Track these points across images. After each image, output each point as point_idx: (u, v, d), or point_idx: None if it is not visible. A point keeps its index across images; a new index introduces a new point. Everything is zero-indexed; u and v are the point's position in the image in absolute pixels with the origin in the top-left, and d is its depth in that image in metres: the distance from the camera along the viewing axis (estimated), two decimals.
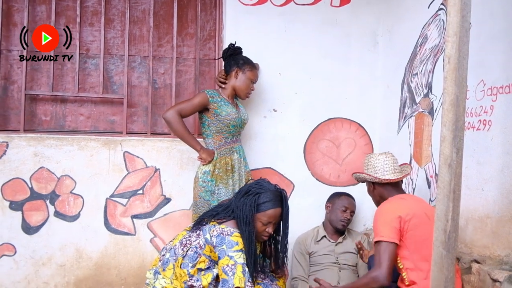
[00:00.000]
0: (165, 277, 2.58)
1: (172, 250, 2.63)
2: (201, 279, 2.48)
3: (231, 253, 2.42)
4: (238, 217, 2.54)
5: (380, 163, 2.70)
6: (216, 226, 2.53)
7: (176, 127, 3.02)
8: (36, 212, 3.27)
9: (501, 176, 2.31)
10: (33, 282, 3.25)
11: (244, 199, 2.56)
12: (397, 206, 2.51)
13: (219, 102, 3.10)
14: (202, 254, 2.52)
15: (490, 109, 2.41)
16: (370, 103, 3.78)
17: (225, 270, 2.39)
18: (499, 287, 2.15)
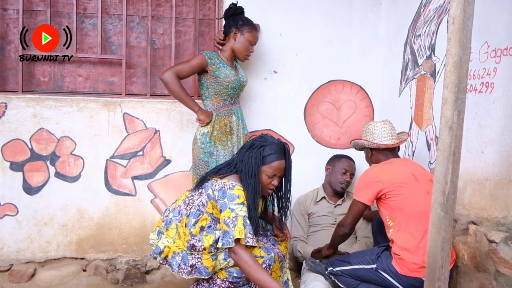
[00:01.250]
0: (168, 236, 2.61)
1: (176, 210, 2.66)
2: (202, 239, 2.51)
3: (233, 206, 2.43)
4: (243, 171, 2.55)
5: (378, 129, 2.79)
6: (218, 181, 2.55)
7: (173, 88, 2.99)
8: (37, 173, 3.29)
9: (502, 139, 2.31)
10: (36, 241, 3.30)
11: (249, 152, 2.58)
12: (381, 170, 2.65)
13: (218, 64, 3.07)
14: (204, 212, 2.54)
15: (493, 71, 2.38)
16: (372, 65, 3.74)
17: (226, 222, 2.41)
18: (495, 247, 2.18)
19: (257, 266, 2.42)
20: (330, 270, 2.71)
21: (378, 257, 2.57)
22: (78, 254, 3.37)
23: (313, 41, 3.63)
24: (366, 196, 2.64)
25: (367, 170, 2.76)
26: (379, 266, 2.54)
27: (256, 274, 2.38)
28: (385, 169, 2.67)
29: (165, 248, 2.56)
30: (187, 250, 2.52)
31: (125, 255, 3.41)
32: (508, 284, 2.12)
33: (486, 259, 2.27)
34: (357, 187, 2.71)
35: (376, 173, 2.65)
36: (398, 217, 2.54)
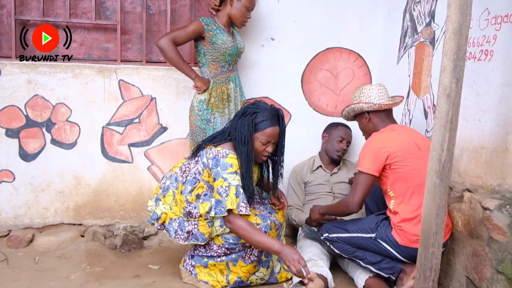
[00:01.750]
0: (165, 203, 2.64)
1: (173, 177, 2.68)
2: (198, 206, 2.53)
3: (225, 175, 2.45)
4: (236, 138, 2.56)
5: (374, 91, 2.71)
6: (212, 149, 2.56)
7: (169, 54, 2.96)
8: (33, 139, 3.27)
9: (499, 107, 2.31)
10: (33, 207, 3.31)
11: (242, 120, 2.58)
12: (387, 139, 2.56)
13: (215, 30, 3.02)
14: (200, 179, 2.56)
15: (493, 39, 2.35)
16: (370, 33, 3.70)
17: (219, 191, 2.44)
18: (489, 215, 2.21)
19: (253, 230, 2.45)
20: (326, 236, 2.69)
21: (377, 227, 2.56)
22: (76, 220, 3.39)
23: (311, 8, 3.57)
24: (375, 167, 2.51)
25: (371, 139, 2.62)
26: (378, 235, 2.54)
27: (255, 237, 2.43)
28: (390, 137, 2.58)
29: (162, 215, 2.60)
30: (184, 216, 2.54)
31: (123, 221, 3.43)
32: (501, 250, 2.15)
33: (480, 226, 2.30)
34: (363, 157, 2.57)
35: (382, 142, 2.55)
36: (401, 188, 2.50)
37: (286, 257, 2.35)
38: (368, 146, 2.59)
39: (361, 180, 2.54)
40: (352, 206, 2.56)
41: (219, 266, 2.63)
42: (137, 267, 3.00)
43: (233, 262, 2.61)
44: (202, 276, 2.66)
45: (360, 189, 2.53)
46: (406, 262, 2.52)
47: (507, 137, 2.26)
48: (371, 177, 2.52)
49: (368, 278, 2.61)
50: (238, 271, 2.63)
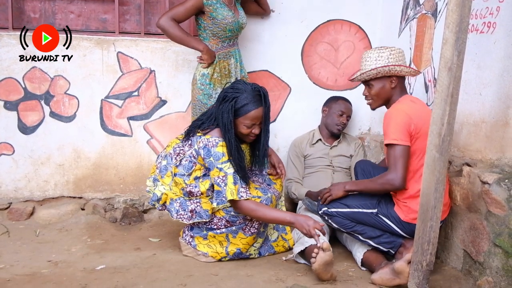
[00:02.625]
0: (163, 183, 2.65)
1: (168, 157, 2.68)
2: (199, 185, 2.55)
3: (219, 165, 2.48)
4: (219, 125, 2.56)
5: (403, 56, 2.60)
6: (202, 137, 2.56)
7: (172, 32, 2.91)
8: (32, 112, 3.26)
9: (501, 80, 2.29)
10: (33, 180, 3.32)
11: (222, 106, 2.55)
12: (412, 110, 2.45)
13: (215, 5, 2.96)
14: (197, 162, 2.58)
15: (496, 11, 2.32)
16: (372, 4, 3.64)
17: (217, 181, 2.48)
18: (487, 188, 2.21)
19: (263, 208, 2.50)
20: (325, 210, 2.66)
21: (379, 202, 2.55)
22: (76, 193, 3.41)
23: None
24: (407, 137, 2.39)
25: (396, 110, 2.47)
26: (380, 211, 2.53)
27: (266, 215, 2.48)
28: (414, 109, 2.46)
29: (163, 195, 2.61)
30: (184, 196, 2.55)
31: (123, 195, 3.45)
32: (499, 224, 2.17)
33: (478, 200, 2.31)
34: (394, 129, 2.40)
35: (408, 113, 2.42)
36: (415, 164, 2.44)
37: (301, 225, 2.38)
38: (393, 117, 2.44)
39: (398, 153, 2.38)
40: (397, 182, 2.38)
41: (218, 238, 2.66)
42: (137, 240, 3.02)
43: (233, 234, 2.64)
44: (201, 247, 2.68)
45: (401, 163, 2.37)
46: (406, 237, 2.53)
47: (507, 111, 2.25)
48: (407, 148, 2.39)
49: (366, 252, 2.63)
50: (237, 243, 2.66)
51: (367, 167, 2.86)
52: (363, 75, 2.58)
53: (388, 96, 2.60)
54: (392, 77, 2.55)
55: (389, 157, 2.44)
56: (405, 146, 2.38)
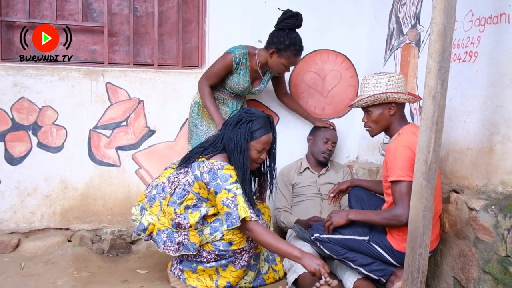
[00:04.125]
0: (151, 213, 2.60)
1: (159, 187, 2.64)
2: (188, 217, 2.51)
3: (228, 186, 2.43)
4: (232, 148, 2.54)
5: (403, 83, 2.49)
6: (205, 162, 2.52)
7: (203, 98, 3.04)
8: (19, 143, 3.24)
9: (484, 108, 2.33)
10: (19, 211, 3.28)
11: (237, 128, 2.55)
12: (413, 144, 2.33)
13: (240, 71, 3.00)
14: (190, 191, 2.54)
15: (477, 40, 2.38)
16: (357, 35, 3.72)
17: (226, 203, 2.41)
18: (475, 215, 2.22)
19: (273, 236, 2.46)
20: (316, 236, 2.64)
21: (371, 230, 2.53)
22: (63, 225, 3.36)
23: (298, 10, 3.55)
24: (410, 172, 2.27)
25: (399, 145, 2.38)
26: (372, 239, 2.50)
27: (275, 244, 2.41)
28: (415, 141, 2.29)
29: (150, 225, 2.56)
30: (172, 228, 2.52)
31: (110, 226, 3.41)
32: (487, 250, 2.17)
33: (466, 227, 2.31)
34: (401, 165, 2.32)
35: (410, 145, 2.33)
36: None
37: (309, 264, 2.30)
38: (400, 153, 2.35)
39: (405, 189, 2.30)
40: (405, 218, 2.27)
41: (208, 271, 2.62)
42: (125, 272, 2.98)
43: (223, 267, 2.60)
44: (190, 281, 2.64)
45: (408, 199, 2.25)
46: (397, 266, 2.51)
47: (492, 137, 2.29)
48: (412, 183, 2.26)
49: (356, 280, 2.60)
50: (228, 276, 2.62)
51: (361, 194, 2.86)
52: (360, 102, 2.52)
53: (387, 123, 2.54)
54: (390, 104, 2.48)
55: (394, 193, 2.36)
56: (411, 182, 2.26)
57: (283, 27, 2.91)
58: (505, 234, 2.07)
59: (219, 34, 3.46)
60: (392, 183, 2.36)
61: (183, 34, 3.55)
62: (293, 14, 2.90)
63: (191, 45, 3.61)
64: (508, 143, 2.21)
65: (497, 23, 2.25)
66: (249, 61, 3.04)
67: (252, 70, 3.07)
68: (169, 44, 3.58)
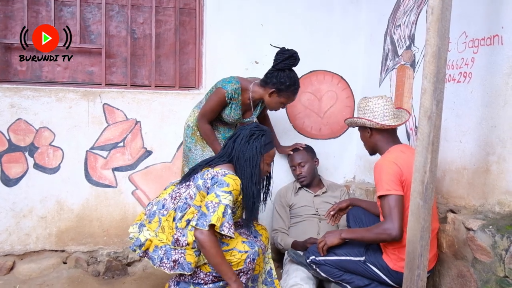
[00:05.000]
0: (149, 229, 2.57)
1: (160, 203, 2.62)
2: (187, 234, 2.48)
3: (219, 192, 2.41)
4: (245, 161, 2.55)
5: (380, 107, 2.53)
6: (210, 170, 2.53)
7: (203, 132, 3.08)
8: (15, 164, 3.23)
9: (479, 128, 2.35)
10: (14, 233, 3.25)
11: (251, 143, 2.56)
12: (400, 160, 2.40)
13: (232, 105, 3.00)
14: (191, 204, 2.51)
15: (471, 61, 2.41)
16: (353, 56, 3.76)
17: (208, 205, 2.39)
18: (472, 235, 2.22)
19: (220, 252, 2.43)
20: (312, 259, 2.64)
21: (366, 250, 2.53)
22: (58, 247, 3.33)
23: (294, 31, 3.62)
24: (399, 187, 2.34)
25: (385, 162, 2.43)
26: (368, 259, 2.50)
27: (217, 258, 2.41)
28: (402, 160, 2.40)
29: (147, 241, 2.53)
30: (171, 244, 2.49)
31: (106, 247, 3.38)
32: (485, 271, 2.16)
33: (464, 247, 2.31)
34: (384, 180, 2.36)
35: (396, 164, 2.38)
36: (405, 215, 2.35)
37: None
38: (384, 168, 2.40)
39: (393, 203, 2.32)
40: (394, 232, 2.30)
41: None
42: None
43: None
44: None
45: (396, 212, 2.31)
46: (394, 287, 2.50)
47: (487, 157, 2.30)
48: (401, 197, 2.34)
49: None
50: None
51: (359, 214, 2.85)
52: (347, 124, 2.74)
53: (371, 144, 2.62)
54: (366, 128, 2.59)
55: (383, 208, 2.38)
56: (399, 196, 2.33)
57: (282, 67, 2.90)
58: (503, 254, 2.07)
59: (216, 55, 3.50)
60: (380, 198, 2.39)
61: (180, 55, 3.58)
62: (291, 54, 2.90)
63: (188, 66, 3.64)
64: (503, 163, 2.22)
65: (490, 44, 2.29)
66: (241, 95, 3.01)
67: (243, 104, 3.06)
68: (166, 66, 3.61)
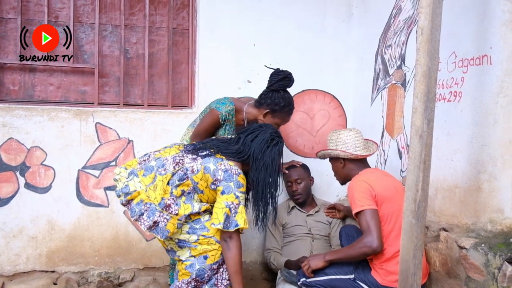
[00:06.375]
0: (142, 181, 2.49)
1: (160, 161, 2.54)
2: (180, 205, 2.46)
3: (238, 193, 2.42)
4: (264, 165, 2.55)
5: (352, 139, 2.72)
6: (224, 161, 2.49)
7: None
8: (6, 183, 3.21)
9: (470, 146, 2.36)
10: (4, 254, 3.21)
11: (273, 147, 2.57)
12: (370, 180, 2.54)
13: (226, 126, 2.99)
14: (190, 178, 2.47)
15: (461, 81, 2.44)
16: (344, 75, 3.79)
17: (230, 206, 2.40)
18: (465, 253, 2.22)
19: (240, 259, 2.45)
20: (303, 281, 2.64)
21: (356, 268, 2.53)
22: (49, 267, 3.29)
23: (286, 51, 3.66)
24: (371, 202, 2.45)
25: (356, 182, 2.56)
26: (357, 276, 2.50)
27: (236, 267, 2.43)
28: (372, 179, 2.55)
29: (135, 192, 2.45)
30: (158, 206, 2.43)
31: (97, 267, 3.34)
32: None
33: (457, 265, 2.31)
34: (357, 198, 2.47)
35: (367, 182, 2.51)
36: (386, 230, 2.46)
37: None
38: (355, 187, 2.53)
39: (368, 217, 2.41)
40: (375, 244, 2.37)
41: None
42: None
43: None
44: None
45: (374, 225, 2.40)
46: None
47: (478, 176, 2.31)
48: (375, 211, 2.43)
49: None
50: None
51: (351, 232, 2.86)
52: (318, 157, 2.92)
53: (344, 174, 2.78)
54: (339, 159, 2.75)
55: (361, 224, 2.46)
56: (373, 209, 2.44)
57: (276, 88, 2.91)
58: (495, 272, 2.07)
59: (208, 75, 3.52)
60: (357, 215, 2.48)
61: (173, 75, 3.60)
62: (285, 75, 2.91)
63: (181, 86, 3.66)
64: (494, 181, 2.24)
65: (480, 64, 2.32)
66: (235, 116, 3.01)
67: (237, 125, 3.04)
68: (159, 85, 3.62)
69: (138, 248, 3.41)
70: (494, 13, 2.24)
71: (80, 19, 3.49)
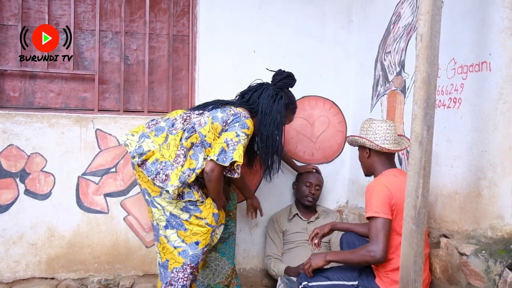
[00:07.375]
0: (154, 141, 2.57)
1: (169, 121, 2.66)
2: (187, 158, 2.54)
3: (240, 132, 2.49)
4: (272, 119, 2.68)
5: (382, 130, 2.57)
6: (232, 108, 2.61)
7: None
8: (6, 190, 3.20)
9: (470, 153, 2.37)
10: (3, 261, 3.20)
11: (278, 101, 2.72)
12: (391, 184, 2.42)
13: None
14: (197, 131, 2.57)
15: (461, 87, 2.44)
16: (344, 81, 3.80)
17: (228, 142, 2.47)
18: (466, 260, 2.21)
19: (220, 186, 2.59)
20: (305, 284, 2.62)
21: (359, 275, 2.51)
22: (48, 274, 3.28)
23: (286, 57, 3.67)
24: (388, 211, 2.36)
25: (377, 184, 2.46)
26: (361, 283, 2.48)
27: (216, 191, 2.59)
28: (394, 184, 2.43)
29: (149, 152, 2.53)
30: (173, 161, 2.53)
31: (97, 274, 3.33)
32: None
33: (458, 272, 2.30)
34: (375, 202, 2.39)
35: (388, 188, 2.41)
36: (396, 239, 2.38)
37: None
38: (376, 191, 2.42)
39: (380, 226, 2.34)
40: (378, 254, 2.32)
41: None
42: None
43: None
44: None
45: (382, 235, 2.33)
46: None
47: (478, 182, 2.31)
48: (388, 221, 2.36)
49: None
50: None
51: (352, 239, 2.84)
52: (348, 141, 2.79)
53: (368, 165, 2.64)
54: (366, 148, 2.61)
55: (370, 230, 2.39)
56: (386, 219, 2.35)
57: (280, 86, 2.91)
58: (496, 279, 2.06)
59: (208, 81, 3.53)
60: (369, 219, 2.42)
61: (173, 81, 3.61)
62: (289, 74, 2.91)
63: (181, 92, 3.66)
64: (495, 188, 2.24)
65: (479, 71, 2.32)
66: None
67: None
68: (159, 91, 3.63)
69: (138, 255, 3.40)
70: (493, 20, 2.25)
71: (81, 26, 3.50)
